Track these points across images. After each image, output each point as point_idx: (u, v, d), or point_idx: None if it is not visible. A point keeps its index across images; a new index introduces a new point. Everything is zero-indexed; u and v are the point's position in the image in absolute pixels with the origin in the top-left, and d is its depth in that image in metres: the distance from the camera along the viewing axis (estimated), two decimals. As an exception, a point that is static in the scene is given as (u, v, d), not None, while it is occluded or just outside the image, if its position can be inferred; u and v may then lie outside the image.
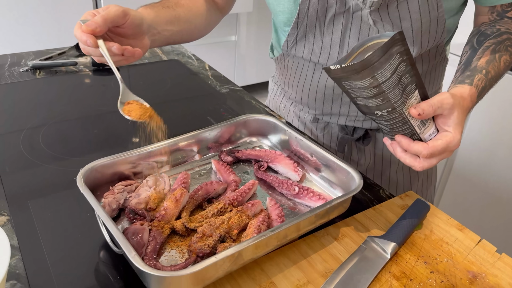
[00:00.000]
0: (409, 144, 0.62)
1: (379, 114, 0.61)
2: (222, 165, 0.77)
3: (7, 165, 0.79)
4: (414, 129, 0.62)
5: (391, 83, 0.57)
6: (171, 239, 0.63)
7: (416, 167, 0.63)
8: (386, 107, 0.59)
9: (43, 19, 2.19)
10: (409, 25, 0.76)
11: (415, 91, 0.61)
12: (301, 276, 0.60)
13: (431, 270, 0.62)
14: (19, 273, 0.59)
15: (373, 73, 0.55)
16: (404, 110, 0.60)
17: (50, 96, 1.05)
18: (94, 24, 0.66)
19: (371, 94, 0.58)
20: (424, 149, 0.61)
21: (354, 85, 0.58)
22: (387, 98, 0.58)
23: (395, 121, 0.61)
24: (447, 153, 0.63)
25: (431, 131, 0.63)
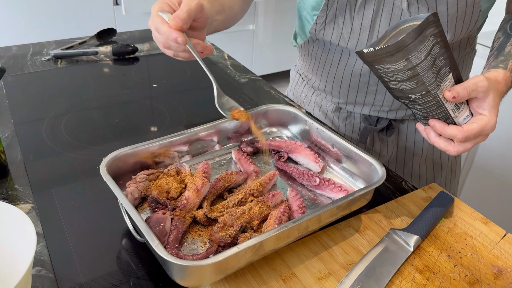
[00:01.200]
0: (443, 127, 0.62)
1: (413, 98, 0.60)
2: (242, 155, 0.77)
3: (31, 153, 0.81)
4: (449, 112, 0.61)
5: (425, 66, 0.56)
6: (193, 228, 0.63)
7: (451, 152, 0.62)
8: (420, 90, 0.58)
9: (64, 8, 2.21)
10: (444, 9, 0.74)
11: (449, 74, 0.60)
12: (322, 267, 0.60)
13: (454, 264, 0.61)
14: (44, 260, 0.60)
15: (407, 55, 0.55)
16: (438, 93, 0.59)
17: (72, 85, 1.06)
18: (181, 21, 0.64)
19: (405, 77, 0.57)
20: (459, 132, 0.60)
21: (388, 68, 0.57)
22: (421, 81, 0.57)
23: (429, 105, 0.60)
24: (482, 137, 0.62)
25: (466, 114, 0.62)
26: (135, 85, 1.08)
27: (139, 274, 0.59)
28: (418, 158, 0.95)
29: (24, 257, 0.47)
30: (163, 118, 0.95)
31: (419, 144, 0.94)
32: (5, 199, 0.70)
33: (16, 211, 0.51)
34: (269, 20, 2.95)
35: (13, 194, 0.71)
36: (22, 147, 0.82)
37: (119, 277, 0.58)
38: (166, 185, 0.67)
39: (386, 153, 0.96)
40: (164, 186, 0.67)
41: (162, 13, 0.66)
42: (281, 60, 3.16)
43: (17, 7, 2.12)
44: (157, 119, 0.94)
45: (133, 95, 1.04)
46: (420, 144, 0.94)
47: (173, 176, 0.69)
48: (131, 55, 1.21)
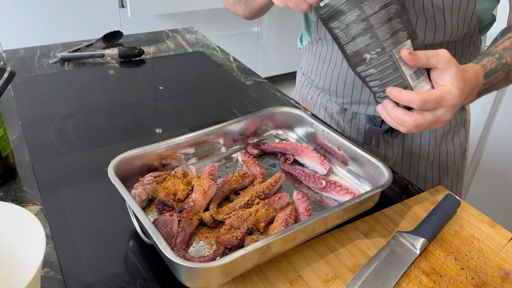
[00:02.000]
0: (399, 93, 0.58)
1: (368, 58, 0.59)
2: (248, 158, 0.77)
3: (39, 155, 0.81)
4: (407, 78, 0.59)
5: (379, 18, 0.57)
6: (199, 231, 0.64)
7: (409, 123, 0.58)
8: (375, 46, 0.58)
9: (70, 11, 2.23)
10: (440, 2, 0.75)
11: (407, 39, 0.59)
12: (329, 270, 0.60)
13: (461, 267, 0.61)
14: (52, 261, 0.60)
15: (360, 3, 0.56)
16: (394, 52, 0.58)
17: (79, 87, 1.07)
18: None
19: (359, 30, 0.58)
20: (416, 96, 0.56)
21: (343, 23, 0.58)
22: (375, 35, 0.57)
23: (384, 67, 0.59)
24: (445, 109, 0.58)
25: (426, 88, 0.60)
26: (141, 88, 1.09)
27: (146, 276, 0.59)
28: (424, 161, 0.95)
29: (34, 258, 0.47)
30: (169, 120, 0.95)
31: (425, 146, 0.94)
32: (13, 200, 0.70)
33: (25, 213, 0.51)
34: (273, 22, 2.95)
35: (22, 196, 0.71)
36: (30, 149, 0.82)
37: (126, 278, 0.58)
38: (173, 187, 0.67)
39: (392, 156, 0.96)
40: (171, 188, 0.67)
41: None
42: (286, 62, 3.16)
43: (24, 10, 2.14)
44: (163, 121, 0.95)
45: (140, 97, 1.05)
46: (426, 147, 0.94)
47: (180, 178, 0.70)
48: (137, 58, 1.22)
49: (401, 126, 0.61)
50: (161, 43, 1.35)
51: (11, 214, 0.52)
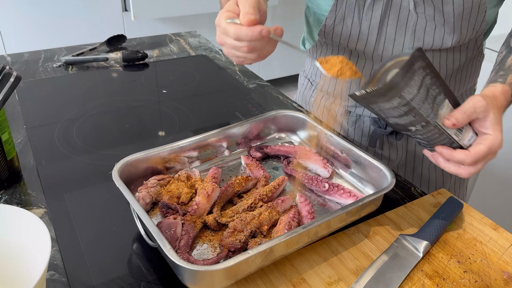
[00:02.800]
0: (451, 154, 0.61)
1: (413, 130, 0.61)
2: (251, 161, 0.78)
3: (43, 158, 0.82)
4: (452, 137, 0.61)
5: (419, 99, 0.56)
6: (203, 233, 0.64)
7: (463, 175, 0.62)
8: (419, 121, 0.59)
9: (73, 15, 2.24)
10: (451, 9, 0.75)
11: (445, 100, 0.60)
12: (332, 273, 0.60)
13: (464, 270, 0.61)
14: (57, 264, 0.61)
15: (399, 93, 0.55)
16: (438, 122, 0.59)
17: (83, 91, 1.08)
18: (252, 15, 0.61)
19: (402, 113, 0.58)
20: (466, 157, 0.60)
21: (383, 106, 0.58)
22: (419, 114, 0.57)
23: (431, 134, 0.61)
24: (491, 155, 0.61)
25: (470, 135, 0.62)
26: (144, 91, 1.09)
27: (149, 279, 0.59)
28: (427, 162, 0.95)
29: (39, 261, 0.48)
30: (172, 123, 0.96)
31: None
32: (18, 204, 0.71)
33: (30, 216, 0.52)
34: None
35: (26, 199, 0.72)
36: (34, 153, 0.83)
37: (130, 281, 0.59)
38: (176, 190, 0.67)
39: (396, 158, 0.96)
40: (175, 191, 0.67)
41: (231, 20, 0.63)
42: (288, 65, 3.17)
43: (28, 14, 2.15)
44: (167, 124, 0.95)
45: (143, 100, 1.05)
46: None
47: (183, 181, 0.70)
48: (141, 61, 1.23)
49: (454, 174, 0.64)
50: (164, 46, 1.36)
51: (17, 217, 0.52)
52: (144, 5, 2.27)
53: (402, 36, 0.80)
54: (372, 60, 0.84)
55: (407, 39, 0.80)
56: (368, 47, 0.82)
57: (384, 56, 0.83)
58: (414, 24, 0.79)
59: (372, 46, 0.82)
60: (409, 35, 0.80)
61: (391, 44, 0.81)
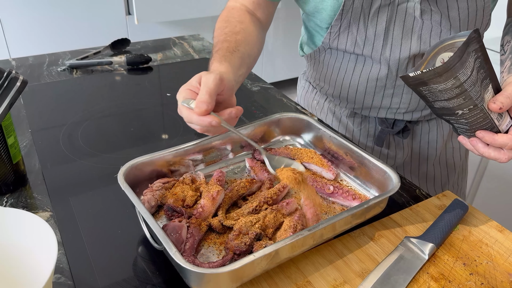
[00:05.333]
0: (493, 138, 0.62)
1: (460, 113, 0.61)
2: (256, 163, 0.78)
3: (48, 161, 0.82)
4: (494, 122, 0.62)
5: (472, 81, 0.57)
6: (208, 236, 0.64)
7: (502, 159, 0.63)
8: (468, 105, 0.60)
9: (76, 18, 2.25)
10: (456, 15, 0.76)
11: (489, 84, 0.62)
12: (337, 275, 0.60)
13: (470, 272, 0.61)
14: (63, 267, 0.61)
15: (455, 74, 0.56)
16: (484, 105, 0.60)
17: (87, 94, 1.08)
18: (205, 104, 0.62)
19: (453, 95, 0.58)
20: (510, 140, 0.61)
21: (434, 89, 0.58)
22: (469, 96, 0.58)
23: (476, 118, 0.62)
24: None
25: (508, 121, 0.64)
26: (149, 94, 1.10)
27: (155, 281, 0.59)
28: (432, 159, 0.96)
29: (46, 265, 0.48)
30: (176, 126, 0.96)
31: (432, 144, 0.95)
32: (24, 207, 0.71)
33: (37, 219, 0.52)
34: (278, 27, 2.97)
35: (32, 202, 0.72)
36: (39, 156, 0.83)
37: (136, 284, 0.59)
38: (181, 193, 0.68)
39: (401, 156, 0.96)
40: (180, 194, 0.67)
41: (186, 103, 0.65)
42: (291, 67, 3.17)
43: (33, 19, 2.16)
44: (171, 127, 0.96)
45: (147, 104, 1.05)
46: (434, 144, 0.95)
47: (188, 184, 0.70)
48: (144, 65, 1.23)
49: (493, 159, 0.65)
50: (168, 50, 1.36)
51: (23, 221, 0.53)
52: (147, 8, 2.28)
53: (408, 40, 0.80)
54: (379, 63, 0.84)
55: (413, 43, 0.80)
56: (375, 51, 0.83)
57: (392, 58, 0.83)
58: (420, 29, 0.79)
59: (379, 50, 0.82)
60: (415, 39, 0.80)
61: (398, 47, 0.81)
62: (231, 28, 0.81)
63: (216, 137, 0.77)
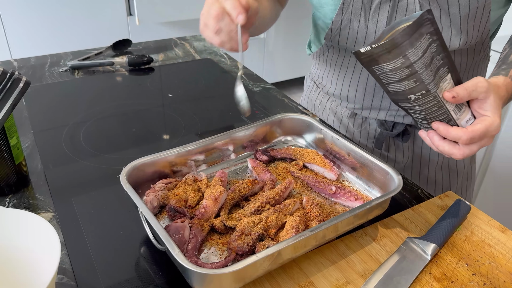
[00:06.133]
0: (447, 129, 0.61)
1: (412, 99, 0.60)
2: (258, 164, 0.78)
3: (51, 162, 0.82)
4: (450, 114, 0.61)
5: (423, 63, 0.56)
6: (210, 237, 0.64)
7: (456, 155, 0.61)
8: (419, 89, 0.58)
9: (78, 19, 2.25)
10: (457, 11, 0.75)
11: (448, 74, 0.60)
12: (340, 276, 0.60)
13: (473, 272, 0.61)
14: (66, 268, 0.61)
15: (404, 52, 0.55)
16: (438, 93, 0.59)
17: (89, 95, 1.08)
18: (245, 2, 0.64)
19: (404, 75, 0.57)
20: (463, 133, 0.59)
21: (385, 68, 0.57)
22: (420, 79, 0.57)
23: (429, 105, 0.60)
24: (488, 138, 0.61)
25: (468, 117, 0.62)
26: (150, 95, 1.10)
27: (157, 282, 0.59)
28: (434, 164, 0.95)
29: (49, 265, 0.48)
30: (178, 127, 0.96)
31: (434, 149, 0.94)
32: (27, 208, 0.71)
33: (40, 220, 0.52)
34: (279, 28, 2.97)
35: (34, 203, 0.72)
36: (42, 157, 0.84)
37: (138, 284, 0.59)
38: (184, 194, 0.68)
39: (402, 160, 0.96)
40: (182, 195, 0.67)
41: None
42: (292, 67, 3.17)
43: (34, 20, 2.17)
44: (173, 128, 0.96)
45: (149, 104, 1.06)
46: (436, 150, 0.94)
47: (190, 185, 0.70)
48: (146, 66, 1.23)
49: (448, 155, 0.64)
50: (170, 50, 1.37)
51: (26, 222, 0.53)
52: (148, 9, 2.28)
53: None
54: None
55: None
56: None
57: None
58: None
59: None
60: None
61: None
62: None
63: (218, 138, 0.77)
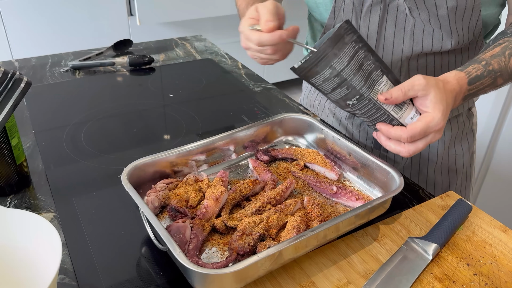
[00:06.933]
0: (388, 130, 0.62)
1: (350, 104, 0.63)
2: (259, 164, 0.78)
3: (52, 162, 0.82)
4: (391, 114, 0.62)
5: (350, 70, 0.59)
6: (211, 237, 0.64)
7: (403, 153, 0.62)
8: (353, 94, 0.61)
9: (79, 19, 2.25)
10: (445, 13, 0.75)
11: (383, 76, 0.62)
12: (341, 276, 0.60)
13: (474, 272, 0.61)
14: (67, 268, 0.61)
15: (330, 63, 0.58)
16: (372, 96, 0.61)
17: (90, 95, 1.08)
18: (271, 22, 0.65)
19: (335, 84, 0.60)
20: (403, 132, 0.61)
21: (319, 79, 0.60)
22: (351, 86, 0.60)
23: (368, 108, 0.62)
24: (434, 133, 0.61)
25: (412, 114, 0.63)
26: (151, 95, 1.10)
27: (158, 282, 0.59)
28: (433, 164, 0.95)
29: (50, 265, 0.48)
30: (179, 127, 0.96)
31: (433, 150, 0.94)
32: (28, 208, 0.71)
33: (41, 220, 0.52)
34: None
35: (36, 203, 0.72)
36: (43, 157, 0.84)
37: (139, 284, 0.59)
38: (185, 194, 0.68)
39: (401, 160, 0.96)
40: (183, 195, 0.67)
41: (253, 27, 0.68)
42: (293, 68, 3.17)
43: (35, 20, 2.17)
44: (174, 128, 0.96)
45: (150, 104, 1.06)
46: (435, 150, 0.94)
47: (191, 185, 0.70)
48: (147, 66, 1.23)
49: (395, 153, 0.65)
50: (170, 51, 1.37)
51: (27, 222, 0.53)
52: (149, 9, 2.28)
53: (401, 40, 0.80)
54: None
55: (406, 43, 0.80)
56: None
57: (384, 59, 0.83)
58: (412, 28, 0.79)
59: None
60: (407, 39, 0.80)
61: (390, 47, 0.81)
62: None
63: (219, 138, 0.77)
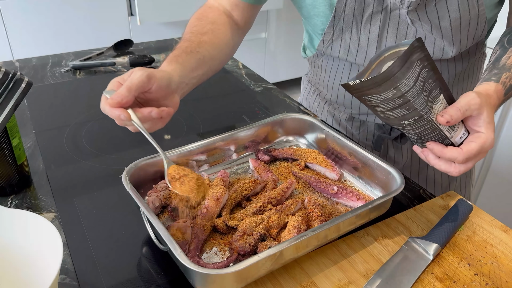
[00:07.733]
0: (442, 151, 0.60)
1: (406, 124, 0.59)
2: (259, 164, 0.78)
3: (52, 162, 0.82)
4: (444, 134, 0.60)
5: (415, 91, 0.55)
6: (212, 237, 0.64)
7: (453, 173, 0.61)
8: (412, 116, 0.57)
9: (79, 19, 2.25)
10: (447, 24, 0.75)
11: (440, 95, 0.59)
12: (342, 276, 0.60)
13: (475, 272, 0.61)
14: (68, 268, 0.61)
15: (395, 84, 0.53)
16: (431, 117, 0.58)
17: (90, 95, 1.08)
18: (119, 97, 0.61)
19: (396, 105, 0.56)
20: (459, 154, 0.59)
21: (376, 98, 0.56)
22: (413, 107, 0.56)
23: (423, 129, 0.59)
24: (482, 154, 0.61)
25: (462, 133, 0.61)
26: (152, 95, 1.10)
27: (159, 282, 0.59)
28: None
29: (51, 265, 0.48)
30: (179, 127, 0.96)
31: None
32: (29, 208, 0.71)
33: (42, 221, 0.52)
34: (281, 28, 2.96)
35: (37, 203, 0.72)
36: (44, 157, 0.84)
37: (140, 284, 0.59)
38: (185, 194, 0.68)
39: (401, 160, 0.96)
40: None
41: (106, 93, 0.64)
42: (294, 67, 3.17)
43: (35, 20, 2.17)
44: (174, 128, 0.96)
45: (150, 104, 1.05)
46: None
47: (192, 185, 0.70)
48: (147, 66, 1.23)
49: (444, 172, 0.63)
50: (171, 50, 1.36)
51: (28, 222, 0.53)
52: (149, 9, 2.28)
53: None
54: None
55: None
56: (368, 59, 0.82)
57: None
58: (413, 36, 0.78)
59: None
60: None
61: None
62: (199, 27, 0.80)
63: (220, 138, 0.77)
